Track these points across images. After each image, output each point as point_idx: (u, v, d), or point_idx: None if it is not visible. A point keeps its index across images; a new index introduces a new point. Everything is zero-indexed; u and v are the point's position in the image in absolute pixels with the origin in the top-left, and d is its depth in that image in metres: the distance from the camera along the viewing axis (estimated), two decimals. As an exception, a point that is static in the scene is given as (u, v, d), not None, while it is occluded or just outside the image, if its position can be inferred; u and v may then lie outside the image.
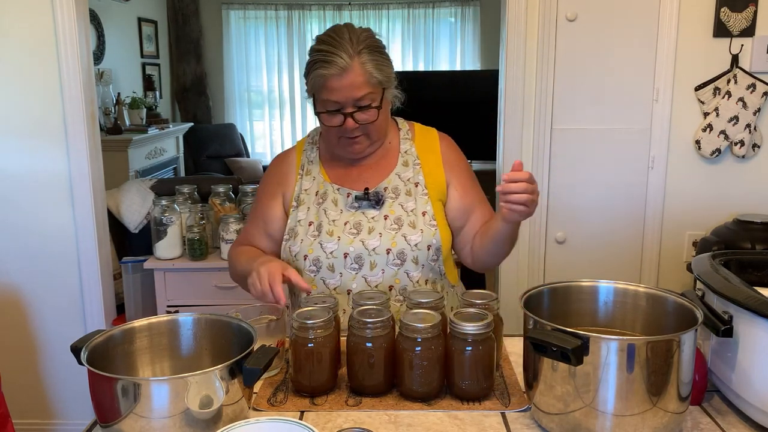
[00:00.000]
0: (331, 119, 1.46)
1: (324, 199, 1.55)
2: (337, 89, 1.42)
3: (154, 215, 2.66)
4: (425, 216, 1.52)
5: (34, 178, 2.51)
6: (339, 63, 1.40)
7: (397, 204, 1.53)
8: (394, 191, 1.54)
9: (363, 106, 1.45)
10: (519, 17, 2.53)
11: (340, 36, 1.43)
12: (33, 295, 2.61)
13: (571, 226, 2.68)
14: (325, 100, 1.45)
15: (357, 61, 1.42)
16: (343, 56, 1.40)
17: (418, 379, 1.15)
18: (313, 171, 1.60)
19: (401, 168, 1.57)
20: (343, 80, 1.41)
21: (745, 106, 2.50)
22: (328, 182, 1.57)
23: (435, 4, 6.63)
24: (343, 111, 1.44)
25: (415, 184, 1.55)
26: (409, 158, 1.59)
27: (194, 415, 0.95)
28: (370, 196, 1.53)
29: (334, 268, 1.50)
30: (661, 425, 0.99)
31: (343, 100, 1.43)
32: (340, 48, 1.41)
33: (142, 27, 5.83)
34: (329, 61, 1.40)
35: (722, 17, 2.48)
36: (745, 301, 1.05)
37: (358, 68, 1.42)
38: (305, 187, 1.58)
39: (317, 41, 1.47)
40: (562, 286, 1.20)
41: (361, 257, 1.49)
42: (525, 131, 2.61)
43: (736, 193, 2.61)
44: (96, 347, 1.04)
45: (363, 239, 1.49)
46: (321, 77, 1.41)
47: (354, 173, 1.58)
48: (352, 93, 1.42)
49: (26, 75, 2.45)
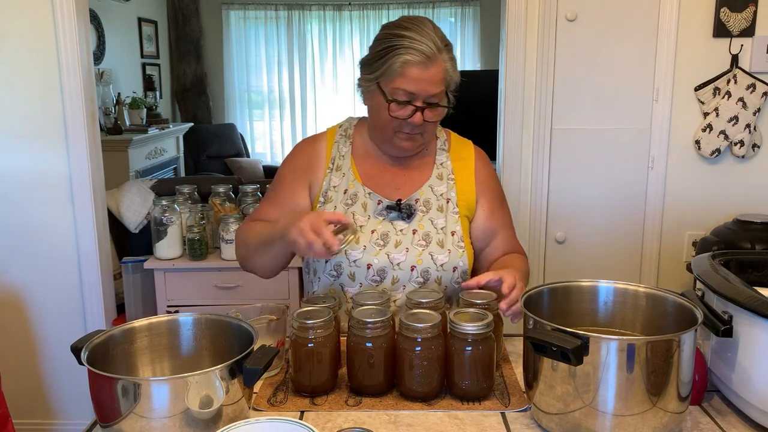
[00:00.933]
0: (400, 110, 1.39)
1: (353, 201, 1.48)
2: (416, 79, 1.36)
3: (154, 215, 2.66)
4: (454, 236, 1.47)
5: (34, 178, 2.51)
6: (426, 52, 1.34)
7: (427, 219, 1.48)
8: (425, 204, 1.49)
9: (432, 103, 1.39)
10: (519, 17, 2.53)
11: (425, 26, 1.37)
12: (33, 295, 2.61)
13: (571, 226, 2.68)
14: (398, 89, 1.37)
15: (441, 56, 1.37)
16: (431, 46, 1.35)
17: (418, 379, 1.15)
18: (343, 167, 1.52)
19: (435, 181, 1.52)
20: (425, 72, 1.35)
21: (745, 106, 2.50)
22: (360, 183, 1.50)
23: (435, 4, 6.63)
24: (414, 103, 1.38)
25: (447, 200, 1.50)
26: (444, 171, 1.53)
27: (194, 415, 0.95)
28: (402, 208, 1.47)
29: (355, 278, 1.44)
30: (661, 425, 0.99)
31: (419, 91, 1.37)
32: (428, 38, 1.35)
33: (142, 27, 5.83)
34: (416, 48, 1.34)
35: (722, 17, 2.48)
36: (745, 301, 1.05)
37: (441, 63, 1.37)
38: (334, 183, 1.51)
39: (396, 27, 1.39)
40: (562, 286, 1.20)
41: (385, 271, 1.44)
42: (525, 131, 2.61)
43: (736, 193, 2.61)
44: (96, 347, 1.04)
45: (389, 252, 1.44)
46: (404, 64, 1.35)
47: (386, 177, 1.52)
48: (429, 87, 1.37)
49: (26, 75, 2.45)
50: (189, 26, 6.47)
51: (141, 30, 5.81)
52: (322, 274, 1.47)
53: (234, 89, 6.83)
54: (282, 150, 6.99)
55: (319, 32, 6.78)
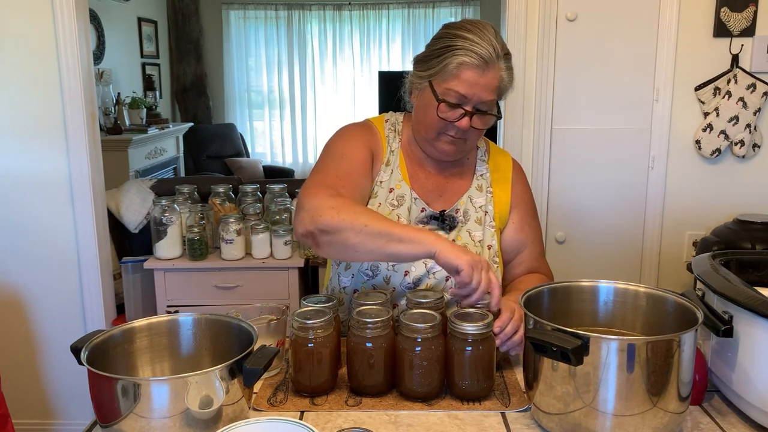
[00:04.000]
0: (449, 112, 1.36)
1: (400, 203, 1.45)
2: (471, 83, 1.33)
3: (154, 215, 2.66)
4: (490, 250, 1.46)
5: (34, 178, 2.51)
6: (485, 56, 1.31)
7: (465, 230, 1.46)
8: (464, 215, 1.47)
9: (482, 110, 1.37)
10: (519, 17, 2.53)
11: (487, 31, 1.34)
12: (33, 295, 2.61)
13: (571, 226, 2.68)
14: (450, 90, 1.34)
15: (499, 64, 1.35)
16: (491, 51, 1.32)
17: (418, 379, 1.15)
18: (392, 163, 1.48)
19: (474, 192, 1.50)
20: (481, 76, 1.33)
21: (745, 106, 2.50)
22: (407, 185, 1.46)
23: (435, 4, 6.63)
24: (464, 107, 1.35)
25: (485, 213, 1.48)
26: (483, 183, 1.51)
27: (194, 415, 0.95)
28: (445, 218, 1.45)
29: (390, 281, 1.42)
30: (661, 425, 0.99)
31: (471, 96, 1.34)
32: (489, 43, 1.32)
33: (142, 27, 5.83)
34: (476, 51, 1.31)
35: (722, 17, 2.48)
36: (745, 301, 1.05)
37: (498, 71, 1.34)
38: (382, 179, 1.47)
39: (457, 27, 1.36)
40: (562, 286, 1.20)
41: (421, 279, 1.41)
42: (525, 131, 2.61)
43: (736, 193, 2.61)
44: (96, 347, 1.04)
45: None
46: (460, 65, 1.32)
47: (430, 182, 1.49)
48: (482, 93, 1.34)
49: (26, 75, 2.45)
50: (189, 26, 6.47)
51: (141, 30, 5.81)
52: (357, 271, 1.44)
53: (234, 89, 6.83)
54: (282, 150, 6.99)
55: (319, 32, 6.78)
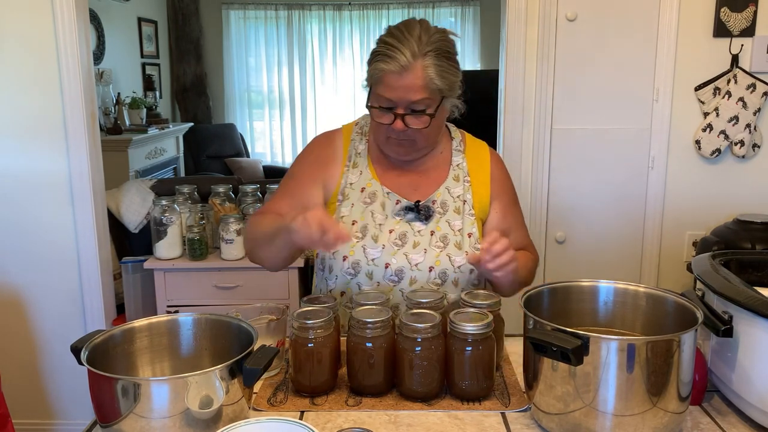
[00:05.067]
0: (381, 116, 1.40)
1: (372, 199, 1.48)
2: (394, 87, 1.35)
3: (154, 215, 2.66)
4: (471, 238, 1.48)
5: (34, 178, 2.51)
6: (400, 60, 1.33)
7: (444, 221, 1.48)
8: (442, 206, 1.49)
9: (417, 110, 1.38)
10: (519, 17, 2.53)
11: (409, 32, 1.36)
12: (33, 295, 2.61)
13: (571, 226, 2.68)
14: (380, 96, 1.38)
15: (420, 63, 1.34)
16: (406, 54, 1.33)
17: (418, 379, 1.15)
18: (360, 164, 1.52)
19: (452, 182, 1.52)
20: (401, 79, 1.34)
21: (745, 106, 2.50)
22: (378, 182, 1.50)
23: (435, 4, 6.63)
24: (394, 111, 1.38)
25: (464, 202, 1.50)
26: (460, 173, 1.53)
27: (194, 415, 0.95)
28: (420, 209, 1.47)
29: (373, 276, 1.44)
30: (661, 425, 0.99)
31: (397, 99, 1.36)
32: (406, 45, 1.34)
33: (142, 27, 5.83)
34: (391, 56, 1.34)
35: (722, 17, 2.48)
36: (745, 301, 1.05)
37: (419, 71, 1.34)
38: (351, 181, 1.51)
39: (387, 32, 1.40)
40: (562, 286, 1.20)
41: (403, 271, 1.44)
42: (525, 131, 2.61)
43: (736, 193, 2.61)
44: (96, 347, 1.04)
45: (407, 252, 1.44)
46: (379, 71, 1.35)
47: (404, 178, 1.52)
48: (407, 95, 1.35)
49: (26, 75, 2.45)
50: (189, 26, 6.47)
51: (141, 30, 5.81)
52: (339, 272, 1.47)
53: (234, 89, 6.83)
54: (282, 150, 6.99)
55: (319, 32, 6.78)
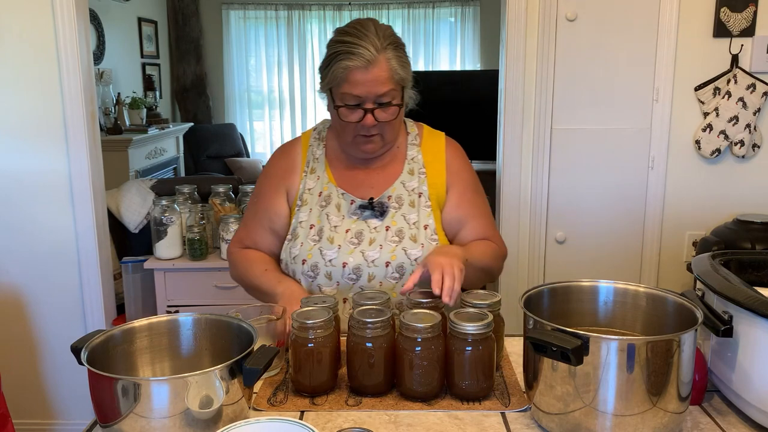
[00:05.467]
0: (350, 114, 1.42)
1: (327, 202, 1.53)
2: (361, 83, 1.38)
3: (154, 215, 2.66)
4: (427, 230, 1.50)
5: (34, 178, 2.51)
6: (365, 55, 1.36)
7: (399, 215, 1.51)
8: (397, 201, 1.52)
9: (384, 103, 1.41)
10: (519, 17, 2.53)
11: (366, 29, 1.40)
12: (33, 295, 2.61)
13: (571, 226, 2.68)
14: (346, 94, 1.40)
15: (383, 56, 1.39)
16: (370, 48, 1.37)
17: (418, 379, 1.15)
18: (318, 170, 1.56)
19: (407, 176, 1.55)
20: (368, 74, 1.38)
21: (745, 106, 2.50)
22: (334, 185, 1.54)
23: (435, 4, 6.63)
24: (363, 106, 1.41)
25: (419, 195, 1.53)
26: (415, 166, 1.56)
27: (194, 415, 0.95)
28: (375, 206, 1.50)
29: (332, 277, 1.48)
30: (661, 425, 0.99)
31: (365, 94, 1.39)
32: (367, 40, 1.38)
33: (142, 27, 5.83)
34: (355, 52, 1.36)
35: (722, 17, 2.48)
36: (745, 301, 1.05)
37: (384, 63, 1.39)
38: (309, 186, 1.55)
39: (340, 33, 1.43)
40: (562, 286, 1.20)
41: (360, 268, 1.47)
42: (525, 131, 2.61)
43: (736, 193, 2.61)
44: (96, 347, 1.04)
45: (363, 250, 1.47)
46: (345, 69, 1.37)
47: (359, 177, 1.55)
48: (375, 88, 1.39)
49: (26, 75, 2.45)
50: (189, 26, 6.47)
51: (141, 30, 5.81)
52: (300, 275, 1.50)
53: (234, 89, 6.83)
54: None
55: (319, 32, 6.78)
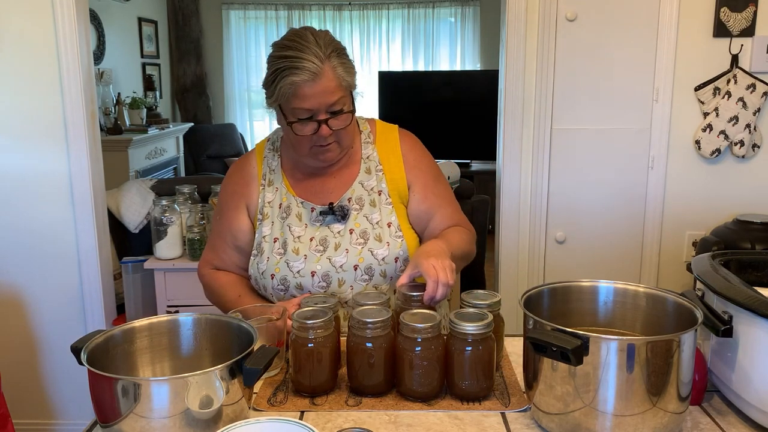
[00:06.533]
0: (304, 128, 1.39)
1: (288, 213, 1.51)
2: (310, 96, 1.35)
3: (154, 215, 2.66)
4: (390, 227, 1.49)
5: (34, 178, 2.51)
6: (310, 68, 1.33)
7: (361, 216, 1.49)
8: (358, 202, 1.50)
9: (335, 111, 1.39)
10: (519, 17, 2.53)
11: (305, 40, 1.36)
12: (33, 295, 2.61)
13: (571, 226, 2.68)
14: (296, 109, 1.38)
15: (328, 65, 1.35)
16: (314, 60, 1.34)
17: (418, 379, 1.15)
18: (275, 181, 1.54)
19: (364, 176, 1.53)
20: (315, 86, 1.35)
21: (745, 106, 2.50)
22: (292, 195, 1.52)
23: (435, 4, 6.63)
24: (316, 118, 1.38)
25: (379, 193, 1.51)
26: (371, 164, 1.54)
27: (194, 415, 0.95)
28: (335, 210, 1.48)
29: (302, 287, 1.47)
30: (661, 425, 0.99)
31: (316, 106, 1.37)
32: (309, 52, 1.34)
33: (142, 27, 5.83)
34: (299, 66, 1.33)
35: (722, 17, 2.48)
36: (745, 301, 1.05)
37: (330, 72, 1.36)
38: (268, 199, 1.53)
39: (279, 47, 1.39)
40: (562, 286, 1.20)
41: (329, 275, 1.46)
42: (525, 131, 2.61)
43: (736, 193, 2.61)
44: (96, 347, 1.04)
45: (330, 256, 1.46)
46: (291, 85, 1.34)
47: (317, 184, 1.53)
48: (325, 99, 1.36)
49: (26, 75, 2.45)
50: (189, 26, 6.47)
51: (141, 30, 5.81)
52: (272, 289, 1.49)
53: (234, 89, 6.83)
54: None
55: (320, 32, 6.78)
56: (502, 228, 2.69)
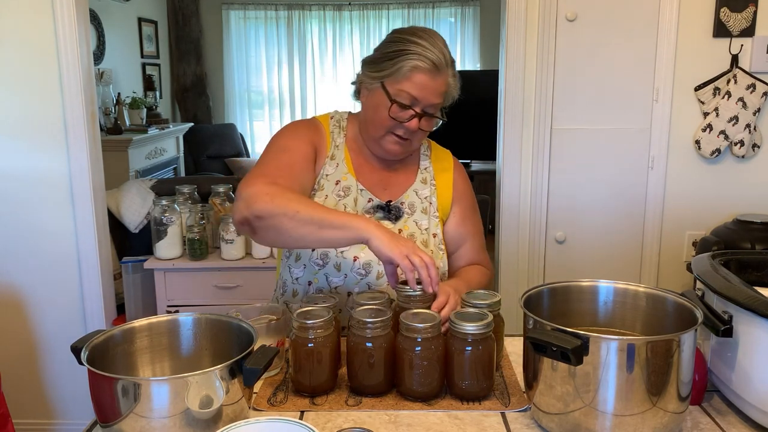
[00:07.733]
0: (401, 112, 1.43)
1: (346, 193, 1.51)
2: (423, 86, 1.40)
3: (154, 215, 2.66)
4: (436, 238, 1.53)
5: (34, 178, 2.51)
6: (436, 62, 1.39)
7: (411, 221, 1.53)
8: (410, 207, 1.54)
9: (429, 113, 1.44)
10: (519, 17, 2.53)
11: (436, 38, 1.42)
12: (33, 295, 2.61)
13: (571, 226, 2.68)
14: (402, 92, 1.41)
15: (447, 71, 1.43)
16: (441, 58, 1.40)
17: (418, 379, 1.15)
18: (337, 157, 1.54)
19: (419, 185, 1.58)
20: (431, 80, 1.41)
21: (745, 106, 2.50)
22: (353, 177, 1.53)
23: (435, 4, 6.63)
24: (414, 108, 1.43)
25: (430, 204, 1.56)
26: (427, 176, 1.60)
27: (194, 415, 0.95)
28: (391, 209, 1.52)
29: (341, 268, 1.47)
30: (661, 425, 0.99)
31: (421, 99, 1.41)
32: (439, 50, 1.41)
33: (142, 27, 5.83)
34: (428, 56, 1.39)
35: (722, 17, 2.48)
36: (745, 301, 1.05)
37: (445, 77, 1.43)
38: (327, 172, 1.53)
39: (409, 33, 1.43)
40: (562, 286, 1.20)
41: (370, 265, 1.47)
42: (525, 131, 2.61)
43: (736, 193, 2.61)
44: (96, 347, 1.04)
45: None
46: (414, 68, 1.39)
47: (376, 176, 1.56)
48: (431, 96, 1.42)
49: (26, 75, 2.45)
50: (189, 26, 6.47)
51: (141, 30, 5.81)
52: (308, 261, 1.48)
53: (234, 89, 6.83)
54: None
55: (319, 32, 6.78)
56: (502, 228, 2.69)
